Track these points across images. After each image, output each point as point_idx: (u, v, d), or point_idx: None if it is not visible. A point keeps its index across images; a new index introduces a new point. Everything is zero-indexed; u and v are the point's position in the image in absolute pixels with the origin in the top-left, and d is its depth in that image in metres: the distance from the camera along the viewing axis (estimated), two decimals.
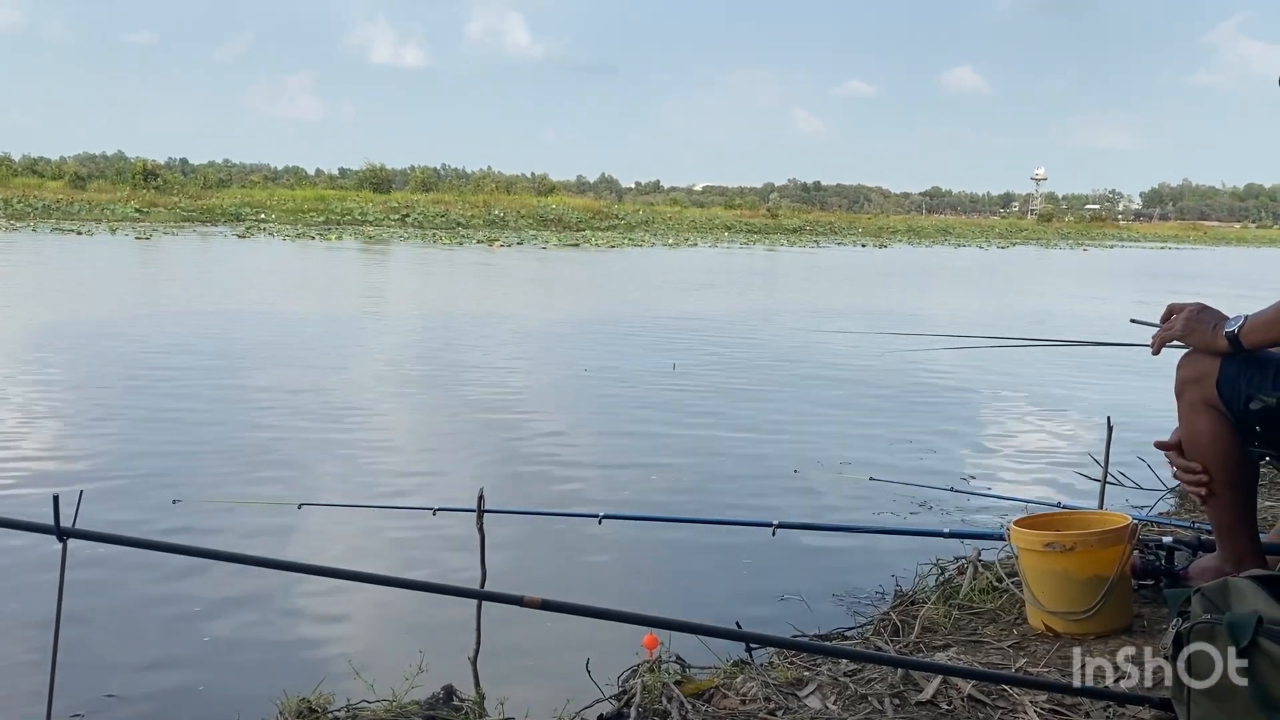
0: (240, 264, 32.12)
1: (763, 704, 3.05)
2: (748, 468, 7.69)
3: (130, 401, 9.86)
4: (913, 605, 4.03)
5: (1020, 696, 2.92)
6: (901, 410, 10.06)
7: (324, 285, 26.80)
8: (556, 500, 6.69)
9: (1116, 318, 18.01)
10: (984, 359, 12.80)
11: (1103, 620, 3.34)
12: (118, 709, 3.86)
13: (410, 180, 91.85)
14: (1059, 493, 6.40)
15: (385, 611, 4.77)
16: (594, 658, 3.47)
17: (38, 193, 65.08)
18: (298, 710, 3.21)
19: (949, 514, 6.21)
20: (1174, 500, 5.75)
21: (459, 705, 3.29)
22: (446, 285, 27.91)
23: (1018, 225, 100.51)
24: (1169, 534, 4.00)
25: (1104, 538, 3.42)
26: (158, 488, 6.66)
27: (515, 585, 2.67)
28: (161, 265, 30.82)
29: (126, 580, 4.99)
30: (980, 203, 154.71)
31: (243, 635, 4.56)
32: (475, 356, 13.54)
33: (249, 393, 10.51)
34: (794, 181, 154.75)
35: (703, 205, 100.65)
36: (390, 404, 10.37)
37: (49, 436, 8.33)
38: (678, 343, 15.04)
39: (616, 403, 10.41)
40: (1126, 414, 7.76)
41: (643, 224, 70.24)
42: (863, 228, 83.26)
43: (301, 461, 7.66)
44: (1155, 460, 5.93)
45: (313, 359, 13.17)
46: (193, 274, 28.08)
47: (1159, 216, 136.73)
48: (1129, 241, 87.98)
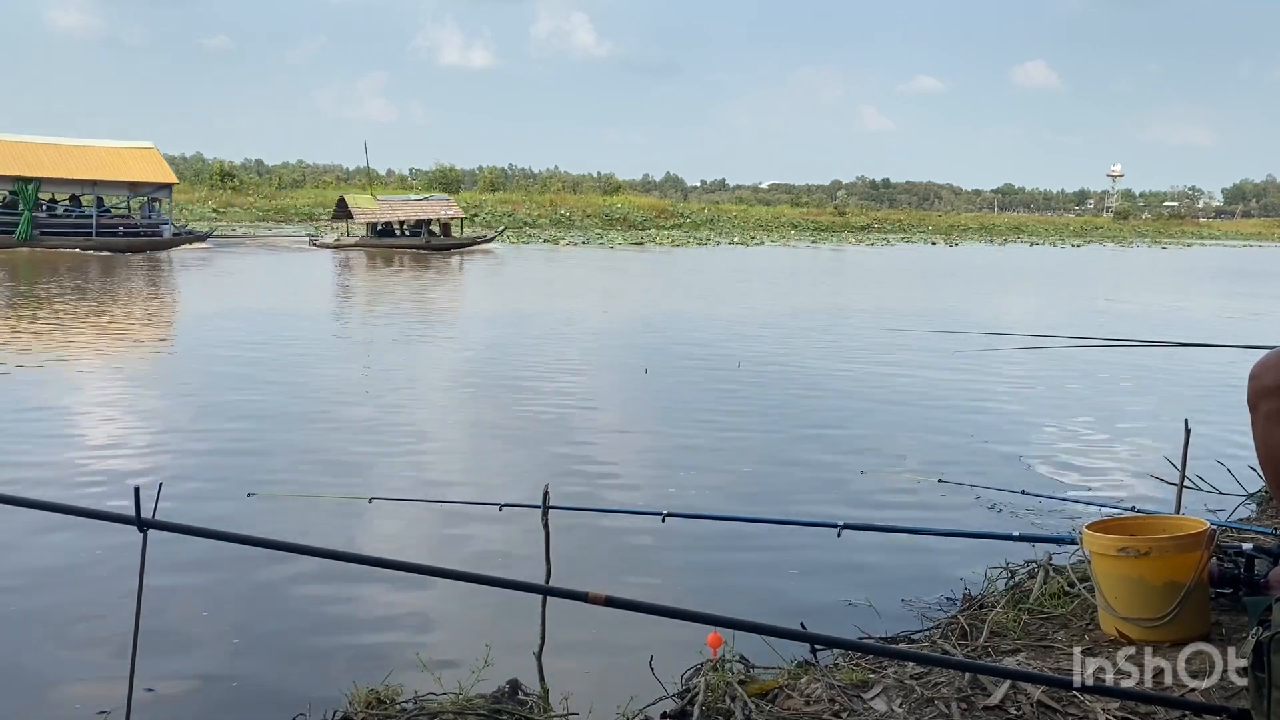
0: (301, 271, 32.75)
1: (827, 705, 3.03)
2: (813, 467, 7.64)
3: (207, 398, 10.12)
4: (981, 609, 3.97)
5: (1092, 704, 2.87)
6: (972, 410, 9.90)
7: (381, 289, 27.21)
8: (620, 498, 6.72)
9: (1195, 317, 17.62)
10: (1057, 359, 12.54)
11: (1179, 628, 3.26)
12: (193, 693, 3.98)
13: (479, 180, 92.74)
14: (1133, 496, 6.27)
15: (452, 606, 4.84)
16: (657, 655, 3.48)
17: None
18: (367, 701, 3.27)
19: (1019, 516, 6.11)
20: (1254, 506, 5.58)
21: (524, 700, 3.32)
22: (510, 285, 28.15)
23: (1093, 223, 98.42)
24: (1249, 540, 3.88)
25: (1180, 543, 3.33)
26: (233, 481, 6.84)
27: (579, 582, 2.69)
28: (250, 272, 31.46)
29: (202, 570, 5.12)
30: (1054, 200, 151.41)
31: (313, 626, 4.66)
32: (539, 355, 13.64)
33: (317, 390, 10.72)
34: (862, 179, 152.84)
35: (769, 204, 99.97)
36: (457, 403, 10.50)
37: (131, 431, 8.58)
38: (742, 341, 14.99)
39: (680, 401, 10.41)
40: (1204, 417, 7.57)
41: (708, 223, 70.13)
42: (933, 225, 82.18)
43: (372, 457, 7.79)
44: (1234, 464, 5.77)
45: (374, 359, 13.39)
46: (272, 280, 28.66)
47: (1241, 214, 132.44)
48: (1209, 239, 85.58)
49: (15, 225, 32.71)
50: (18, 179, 32.94)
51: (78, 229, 34.24)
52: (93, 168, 34.76)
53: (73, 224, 34.53)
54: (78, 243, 33.45)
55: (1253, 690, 2.25)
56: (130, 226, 35.38)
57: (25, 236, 32.83)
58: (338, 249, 38.08)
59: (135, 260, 30.97)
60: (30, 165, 33.65)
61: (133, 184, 35.64)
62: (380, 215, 40.24)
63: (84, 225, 34.38)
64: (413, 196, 44.99)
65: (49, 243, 33.03)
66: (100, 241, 33.63)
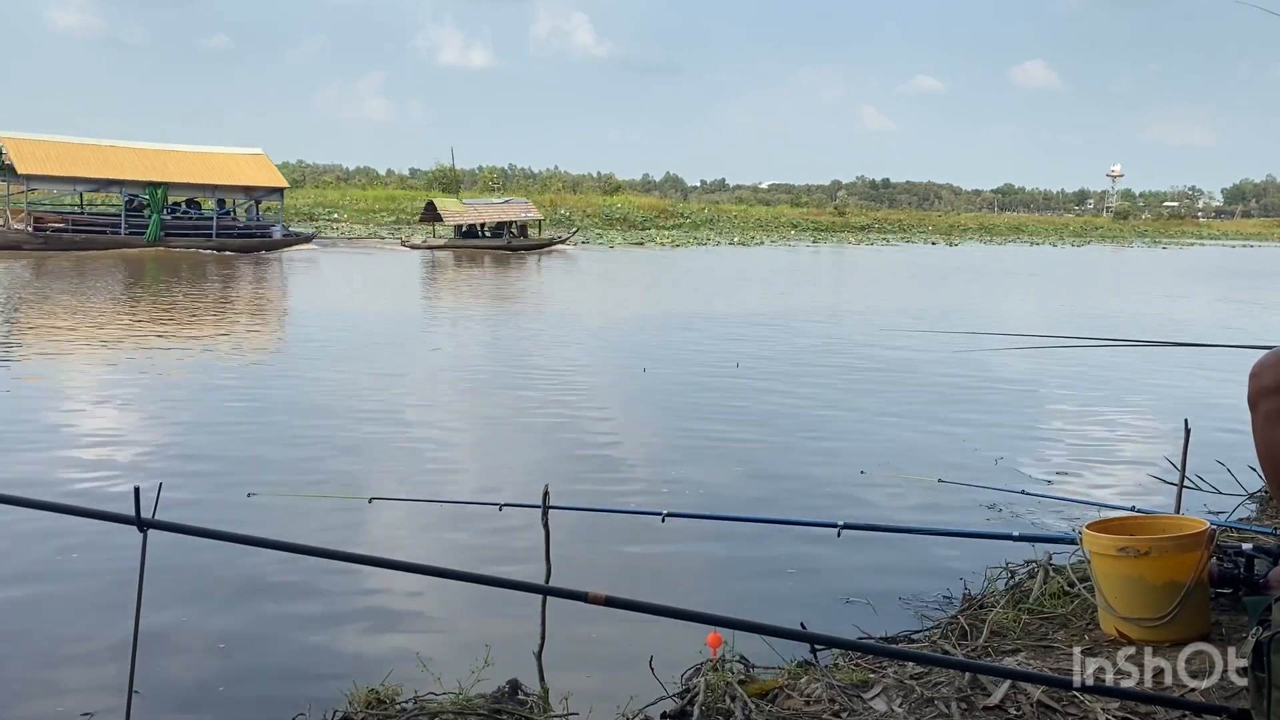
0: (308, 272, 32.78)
1: (827, 705, 3.03)
2: (813, 468, 7.65)
3: (206, 399, 10.13)
4: (981, 609, 3.97)
5: (1092, 704, 2.87)
6: (971, 411, 9.91)
7: (394, 290, 27.22)
8: (620, 498, 6.72)
9: (1194, 317, 17.59)
10: (1057, 359, 12.54)
11: (1178, 627, 3.26)
12: (193, 693, 3.98)
13: (479, 180, 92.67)
14: (1133, 496, 6.24)
15: (451, 605, 4.84)
16: (657, 655, 3.48)
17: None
18: (366, 701, 3.27)
19: (1019, 516, 6.11)
20: (1254, 506, 5.58)
21: (524, 699, 3.32)
22: (511, 284, 28.16)
23: (1093, 223, 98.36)
24: (1249, 540, 3.88)
25: (1180, 543, 3.33)
26: (233, 481, 6.83)
27: (579, 581, 2.69)
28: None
29: (202, 570, 5.12)
30: (1054, 200, 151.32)
31: (313, 626, 4.66)
32: (537, 355, 13.65)
33: (320, 391, 10.72)
34: (862, 179, 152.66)
35: (769, 204, 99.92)
36: (456, 403, 10.50)
37: (131, 431, 8.58)
38: (742, 341, 14.99)
39: (680, 401, 10.41)
40: (1204, 416, 7.57)
41: (708, 222, 70.13)
42: (933, 225, 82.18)
43: (372, 457, 7.79)
44: (1234, 464, 5.77)
45: (378, 360, 13.39)
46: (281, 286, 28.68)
47: (1241, 214, 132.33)
48: (1209, 239, 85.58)
49: (145, 227, 34.75)
50: (148, 184, 35.03)
51: (199, 230, 36.34)
52: (214, 173, 37.10)
53: (195, 226, 36.61)
54: (199, 243, 35.54)
55: (1253, 690, 2.25)
56: (245, 228, 37.74)
57: (154, 237, 34.72)
58: (429, 249, 40.33)
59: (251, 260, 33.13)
60: (158, 171, 35.76)
61: (248, 188, 37.96)
62: (466, 218, 43.10)
63: (205, 227, 36.41)
64: (495, 200, 48.89)
65: (174, 243, 34.98)
66: (219, 242, 35.76)
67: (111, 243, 33.97)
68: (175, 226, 35.89)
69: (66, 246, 32.72)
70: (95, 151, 35.86)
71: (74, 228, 34.39)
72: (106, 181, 35.18)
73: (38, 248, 32.20)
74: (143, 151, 36.71)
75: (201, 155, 37.98)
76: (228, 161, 38.38)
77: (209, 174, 36.98)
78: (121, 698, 2.51)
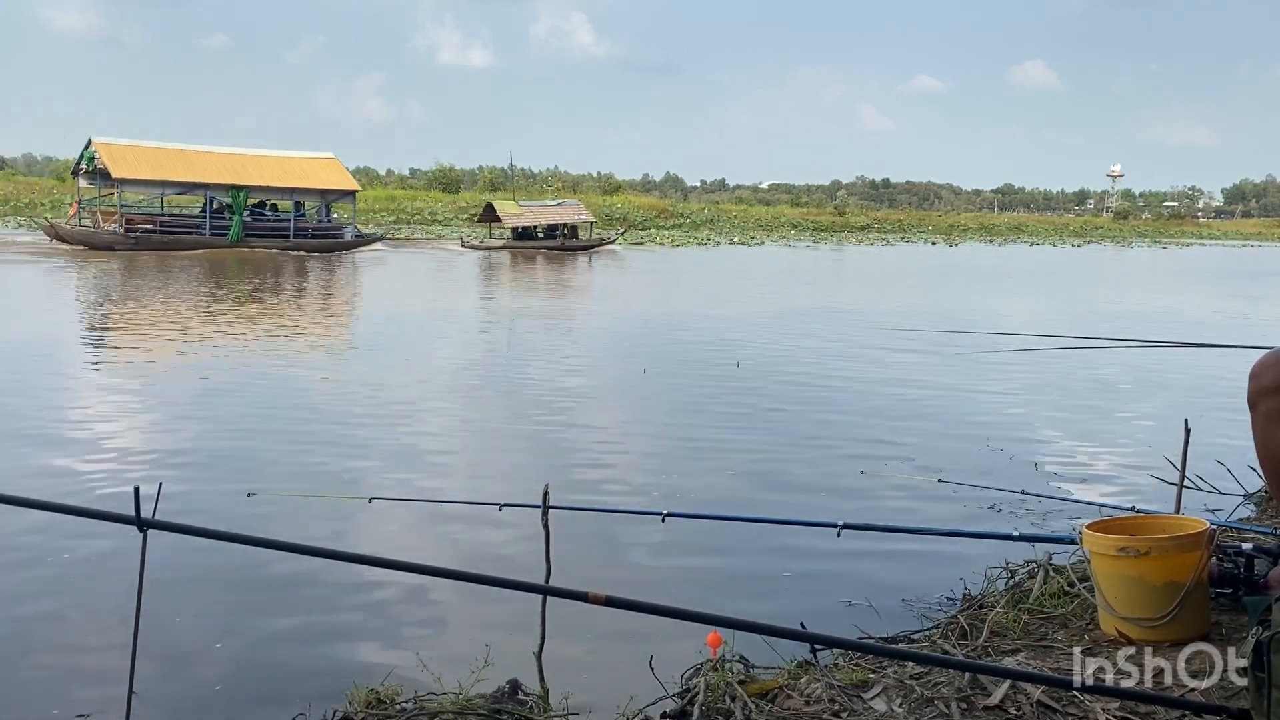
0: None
1: (827, 705, 3.03)
2: (813, 468, 7.64)
3: (205, 400, 10.13)
4: (981, 609, 3.97)
5: (1092, 704, 2.87)
6: (971, 410, 9.91)
7: (397, 289, 27.21)
8: (620, 498, 6.72)
9: (1194, 317, 17.56)
10: (1057, 359, 12.53)
11: (1178, 627, 3.26)
12: (193, 693, 3.98)
13: (479, 180, 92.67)
14: (1133, 496, 6.25)
15: (452, 605, 4.84)
16: (657, 655, 3.48)
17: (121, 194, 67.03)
18: (367, 701, 3.27)
19: (1019, 517, 6.11)
20: (1254, 506, 5.58)
21: (524, 699, 3.32)
22: (509, 285, 28.16)
23: (1093, 223, 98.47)
24: (1248, 540, 3.89)
25: (1180, 543, 3.33)
26: (233, 481, 6.83)
27: (579, 581, 2.69)
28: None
29: (202, 569, 5.12)
30: (1055, 200, 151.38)
31: (313, 625, 4.66)
32: (538, 356, 13.65)
33: (318, 390, 10.72)
34: (862, 179, 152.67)
35: (769, 203, 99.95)
36: (457, 402, 10.50)
37: (131, 430, 8.58)
38: (742, 341, 14.99)
39: (680, 401, 10.41)
40: (1204, 417, 7.55)
41: (708, 222, 70.14)
42: (933, 225, 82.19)
43: (372, 457, 7.79)
44: (1234, 464, 5.78)
45: (379, 359, 13.39)
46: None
47: (1241, 214, 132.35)
48: (1209, 239, 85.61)
49: (228, 228, 36.25)
50: (230, 187, 36.58)
51: (278, 232, 37.82)
52: (291, 176, 38.67)
53: (273, 227, 38.06)
54: (277, 244, 36.94)
55: (1253, 690, 2.25)
56: (320, 229, 39.11)
57: (236, 238, 36.18)
58: (488, 250, 41.65)
59: (326, 259, 34.56)
60: (239, 174, 37.27)
61: (323, 191, 39.52)
62: (523, 219, 44.72)
63: (283, 228, 37.91)
64: (549, 202, 50.73)
65: (254, 244, 36.37)
66: (295, 243, 37.28)
67: (197, 243, 35.53)
68: (255, 228, 37.29)
69: (156, 247, 34.25)
70: (180, 156, 37.54)
71: (162, 229, 35.91)
72: (193, 185, 36.80)
73: (130, 248, 33.71)
74: (224, 156, 38.42)
75: (279, 159, 39.81)
76: (303, 165, 40.03)
77: (286, 177, 38.50)
78: (121, 698, 2.51)
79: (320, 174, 39.85)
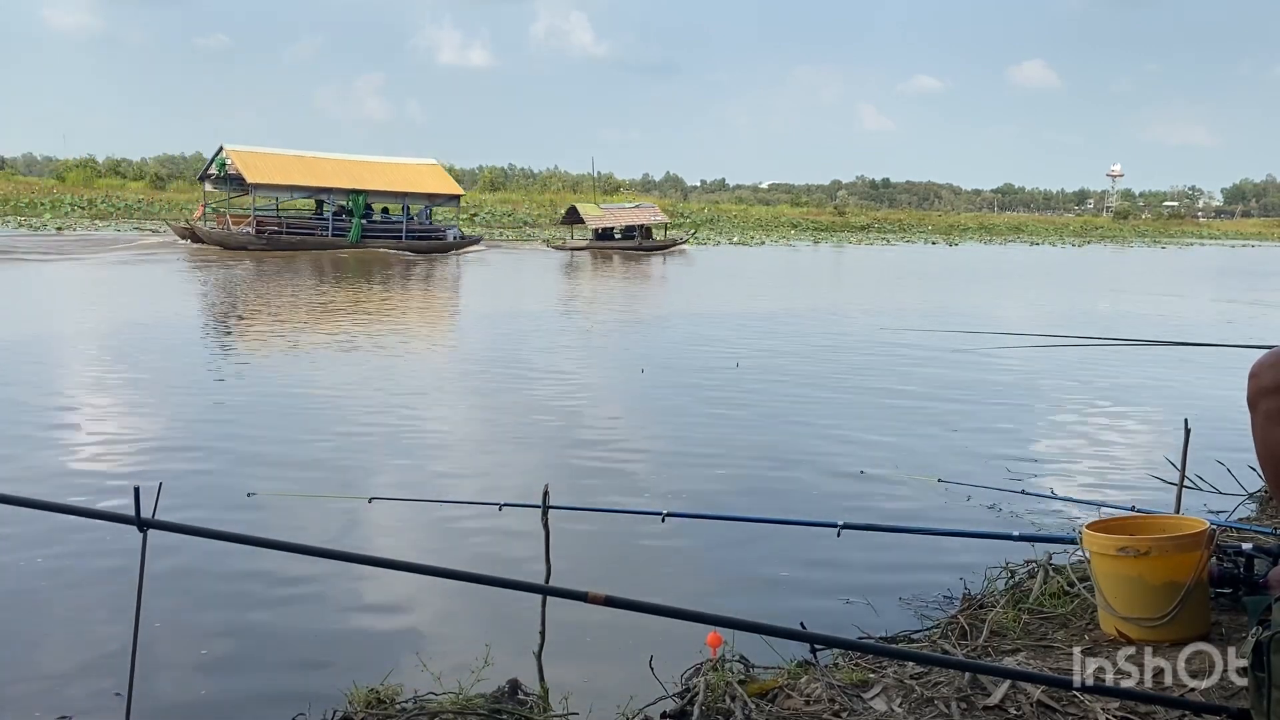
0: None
1: (827, 705, 3.03)
2: (813, 467, 7.64)
3: (205, 399, 10.13)
4: (981, 609, 3.97)
5: (1092, 703, 2.87)
6: (971, 411, 9.90)
7: (403, 290, 27.21)
8: (620, 498, 6.72)
9: (1194, 317, 17.55)
10: (1057, 358, 12.54)
11: (1178, 627, 3.26)
12: (193, 692, 3.98)
13: (479, 180, 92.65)
14: (1133, 496, 6.25)
15: (451, 605, 4.84)
16: (657, 655, 3.48)
17: (120, 193, 66.99)
18: (366, 701, 3.27)
19: (1019, 516, 6.11)
20: (1254, 506, 5.58)
21: (524, 699, 3.32)
22: (507, 286, 28.16)
23: (1093, 223, 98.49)
24: (1248, 540, 3.88)
25: (1180, 543, 3.33)
26: (233, 481, 6.83)
27: (579, 581, 2.69)
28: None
29: (202, 569, 5.12)
30: (1054, 200, 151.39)
31: (313, 625, 4.66)
32: (537, 356, 13.64)
33: (319, 390, 10.72)
34: (862, 179, 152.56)
35: (769, 203, 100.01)
36: (457, 402, 10.50)
37: (131, 431, 8.58)
38: (741, 341, 14.99)
39: (680, 401, 10.41)
40: (1204, 416, 7.55)
41: (708, 222, 70.11)
42: (933, 225, 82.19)
43: (372, 457, 7.79)
44: (1234, 463, 5.78)
45: (381, 359, 13.39)
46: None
47: (1241, 214, 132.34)
48: (1209, 239, 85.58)
49: (348, 229, 38.58)
50: (351, 191, 38.88)
51: (392, 233, 40.02)
52: (403, 181, 40.81)
53: (388, 229, 40.22)
54: (391, 245, 39.14)
55: (1253, 690, 2.25)
56: (426, 231, 41.12)
57: (356, 239, 38.49)
58: (572, 251, 43.63)
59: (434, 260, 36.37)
60: (357, 179, 39.55)
61: (430, 195, 41.66)
62: (605, 221, 46.78)
63: (396, 230, 40.16)
64: (627, 205, 52.86)
65: (371, 245, 38.63)
66: (407, 244, 39.43)
67: (320, 244, 37.73)
68: (371, 230, 39.40)
69: (284, 247, 36.41)
70: (300, 162, 39.89)
71: (289, 230, 38.23)
72: (317, 189, 39.12)
73: (260, 248, 35.77)
74: (341, 161, 40.96)
75: (390, 165, 42.01)
76: (411, 171, 42.19)
77: (398, 182, 40.61)
78: (121, 697, 2.51)
79: (426, 179, 42.12)
